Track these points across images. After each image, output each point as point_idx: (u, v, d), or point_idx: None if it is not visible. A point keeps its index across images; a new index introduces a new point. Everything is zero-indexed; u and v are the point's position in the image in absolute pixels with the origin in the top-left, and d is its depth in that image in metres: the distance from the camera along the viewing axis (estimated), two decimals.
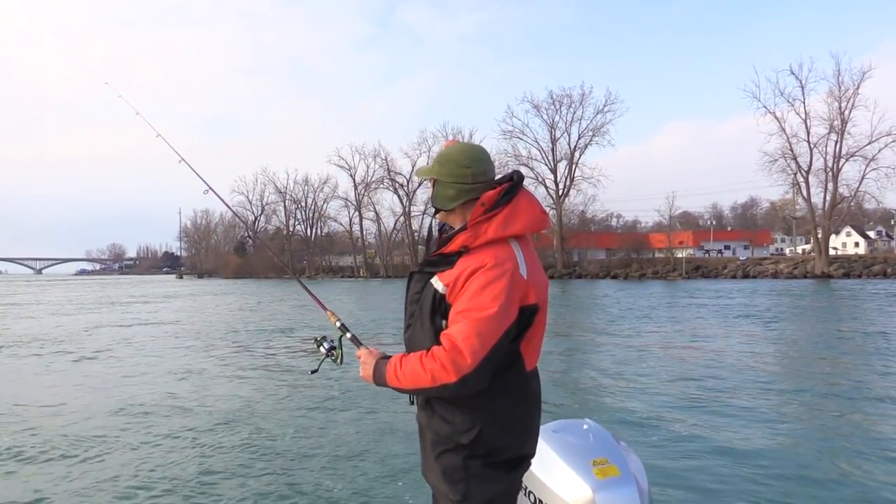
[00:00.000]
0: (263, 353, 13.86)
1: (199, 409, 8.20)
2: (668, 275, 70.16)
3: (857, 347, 13.45)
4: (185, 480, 5.45)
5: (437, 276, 2.29)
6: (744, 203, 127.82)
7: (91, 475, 5.62)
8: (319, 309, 2.85)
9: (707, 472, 5.58)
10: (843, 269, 60.28)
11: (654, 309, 25.28)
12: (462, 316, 2.17)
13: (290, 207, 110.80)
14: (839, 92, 60.10)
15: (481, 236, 2.24)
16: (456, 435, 2.28)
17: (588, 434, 2.97)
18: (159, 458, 6.07)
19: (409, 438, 6.45)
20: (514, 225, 2.28)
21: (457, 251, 2.27)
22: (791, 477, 5.44)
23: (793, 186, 65.83)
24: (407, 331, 2.44)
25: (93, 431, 7.10)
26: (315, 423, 7.45)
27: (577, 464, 2.77)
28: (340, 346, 2.66)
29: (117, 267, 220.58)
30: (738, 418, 7.53)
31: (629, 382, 9.87)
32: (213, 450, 6.36)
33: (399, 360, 2.29)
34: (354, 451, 6.30)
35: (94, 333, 18.25)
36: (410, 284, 2.46)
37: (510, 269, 2.20)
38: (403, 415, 7.39)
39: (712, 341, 14.79)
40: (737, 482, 5.31)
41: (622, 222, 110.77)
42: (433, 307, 2.28)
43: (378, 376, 2.35)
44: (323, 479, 5.50)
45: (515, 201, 2.31)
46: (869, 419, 7.44)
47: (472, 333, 2.13)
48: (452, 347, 2.14)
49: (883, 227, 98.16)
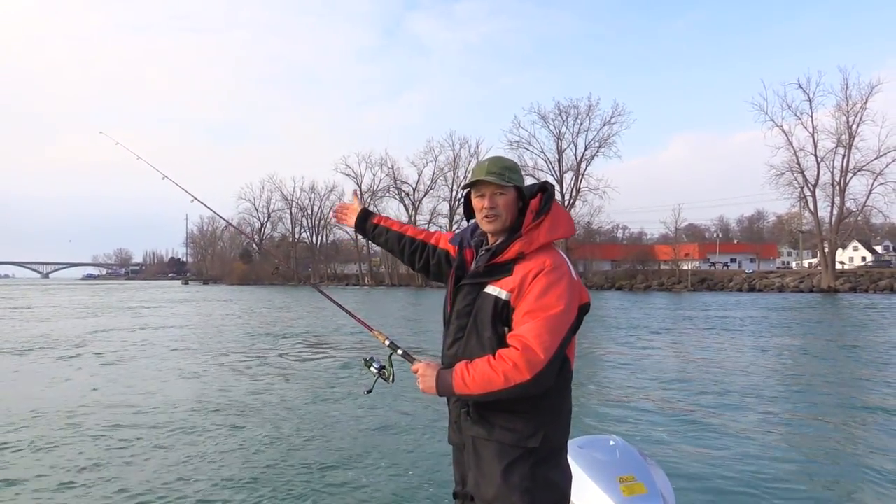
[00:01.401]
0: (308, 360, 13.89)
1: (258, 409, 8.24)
2: (673, 287, 70.06)
3: (866, 361, 13.41)
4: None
5: (494, 285, 2.35)
6: (750, 216, 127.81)
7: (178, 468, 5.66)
8: (364, 329, 2.83)
9: (736, 488, 5.53)
10: (849, 284, 60.11)
11: (664, 321, 25.21)
12: (530, 316, 2.25)
13: (297, 215, 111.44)
14: (847, 106, 60.18)
15: (535, 242, 2.35)
16: (522, 441, 2.31)
17: (615, 450, 2.98)
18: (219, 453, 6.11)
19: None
20: (559, 230, 2.40)
21: (514, 258, 2.35)
22: (818, 496, 5.44)
23: (799, 200, 65.88)
24: (453, 346, 2.46)
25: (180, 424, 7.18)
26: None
27: (603, 481, 2.80)
28: (391, 365, 2.65)
29: (123, 272, 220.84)
30: (769, 434, 7.51)
31: (651, 396, 9.84)
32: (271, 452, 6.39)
33: (465, 366, 2.31)
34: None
35: (131, 342, 18.30)
36: (457, 298, 2.49)
37: (567, 271, 2.33)
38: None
39: (726, 355, 14.73)
40: (767, 499, 5.28)
41: (628, 234, 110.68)
42: (494, 315, 2.33)
43: (443, 385, 2.34)
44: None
45: (554, 209, 2.43)
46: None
47: (543, 331, 2.21)
48: (525, 347, 2.21)
49: (890, 242, 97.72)
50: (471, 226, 2.66)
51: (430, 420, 7.85)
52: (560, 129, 79.31)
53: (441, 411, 7.54)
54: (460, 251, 2.63)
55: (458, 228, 2.90)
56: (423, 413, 8.23)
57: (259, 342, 17.76)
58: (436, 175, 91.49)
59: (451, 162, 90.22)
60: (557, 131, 79.44)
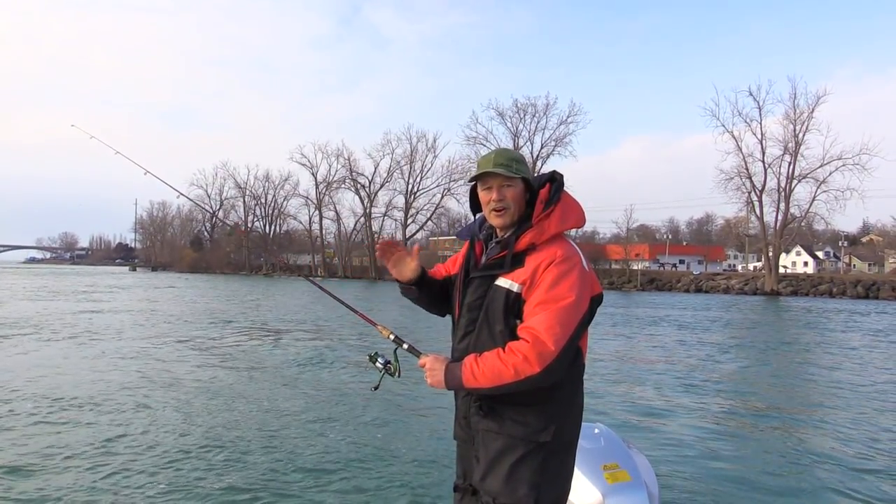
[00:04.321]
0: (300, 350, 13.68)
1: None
2: (623, 286, 71.26)
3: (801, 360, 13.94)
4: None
5: (505, 277, 2.32)
6: (700, 219, 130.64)
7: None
8: (366, 323, 2.79)
9: (717, 477, 5.70)
10: (791, 287, 62.08)
11: (617, 318, 25.67)
12: (541, 307, 2.22)
13: (250, 203, 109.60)
14: (794, 115, 62.08)
15: (545, 232, 2.33)
16: (533, 435, 2.28)
17: (599, 438, 3.04)
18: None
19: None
20: (570, 220, 2.41)
21: (525, 249, 2.33)
22: (800, 484, 5.66)
23: (747, 205, 67.59)
24: (463, 339, 2.43)
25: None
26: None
27: (588, 468, 2.84)
28: (396, 359, 2.62)
29: (69, 256, 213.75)
30: (752, 426, 7.87)
31: (630, 387, 10.19)
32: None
33: (474, 359, 2.27)
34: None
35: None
36: (467, 292, 2.46)
37: (579, 262, 2.31)
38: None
39: (672, 351, 15.12)
40: (748, 487, 5.46)
41: (581, 233, 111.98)
42: (506, 308, 2.31)
43: (452, 379, 2.29)
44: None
45: (564, 198, 2.43)
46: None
47: (554, 323, 2.18)
48: (535, 339, 2.18)
49: (831, 248, 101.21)
50: (478, 219, 2.61)
51: (429, 412, 7.89)
52: (517, 127, 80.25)
53: (439, 402, 7.60)
54: (471, 245, 2.57)
55: (413, 222, 2.86)
56: (419, 405, 8.25)
57: (233, 332, 17.45)
58: (392, 168, 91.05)
59: (408, 155, 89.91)
60: (515, 129, 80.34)
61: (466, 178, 18.77)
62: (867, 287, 59.07)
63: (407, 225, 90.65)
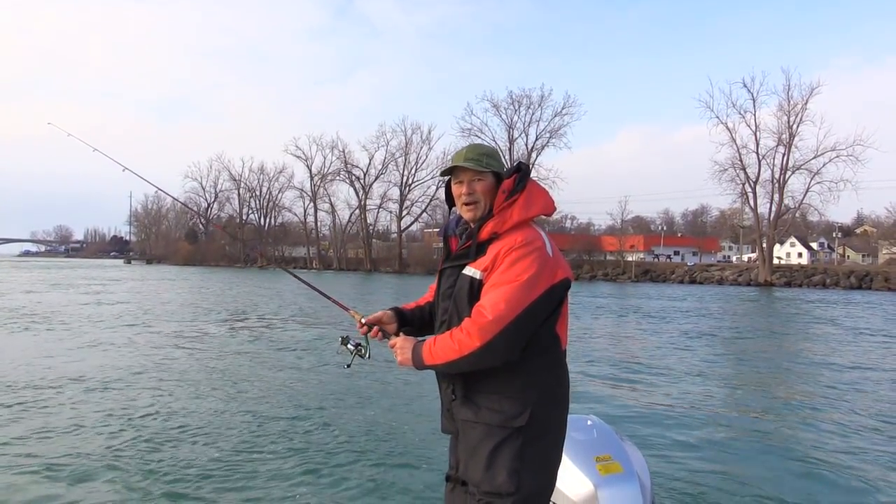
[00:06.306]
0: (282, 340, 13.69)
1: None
2: (618, 277, 71.43)
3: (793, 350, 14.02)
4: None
5: (470, 266, 2.42)
6: (694, 210, 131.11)
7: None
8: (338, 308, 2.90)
9: (709, 469, 5.74)
10: (785, 278, 62.31)
11: (612, 308, 25.74)
12: (492, 288, 2.31)
13: (245, 196, 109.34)
14: (788, 106, 62.13)
15: (508, 221, 2.39)
16: (508, 421, 2.33)
17: (592, 430, 3.06)
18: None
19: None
20: (534, 208, 2.44)
21: (487, 239, 2.41)
22: (790, 474, 5.70)
23: (741, 196, 67.68)
24: (440, 327, 2.53)
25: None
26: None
27: (580, 460, 2.86)
28: (367, 342, 2.73)
29: (63, 249, 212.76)
30: (745, 417, 7.97)
31: (623, 379, 10.26)
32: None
33: (433, 338, 2.41)
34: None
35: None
36: (441, 282, 2.58)
37: (539, 247, 2.35)
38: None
39: (667, 340, 15.18)
40: (738, 479, 5.47)
41: (576, 224, 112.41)
42: (470, 295, 2.39)
43: (416, 358, 2.43)
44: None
45: (529, 187, 2.48)
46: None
47: (499, 300, 2.25)
48: (477, 314, 2.28)
49: (825, 240, 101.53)
50: (456, 215, 2.68)
51: (418, 402, 7.94)
52: (512, 119, 80.00)
53: (428, 391, 7.64)
54: (445, 240, 2.68)
55: (408, 214, 2.94)
56: (412, 395, 8.31)
57: (233, 324, 17.46)
58: (387, 160, 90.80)
59: (402, 147, 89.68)
60: (509, 120, 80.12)
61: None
62: (860, 278, 59.29)
63: (402, 217, 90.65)
